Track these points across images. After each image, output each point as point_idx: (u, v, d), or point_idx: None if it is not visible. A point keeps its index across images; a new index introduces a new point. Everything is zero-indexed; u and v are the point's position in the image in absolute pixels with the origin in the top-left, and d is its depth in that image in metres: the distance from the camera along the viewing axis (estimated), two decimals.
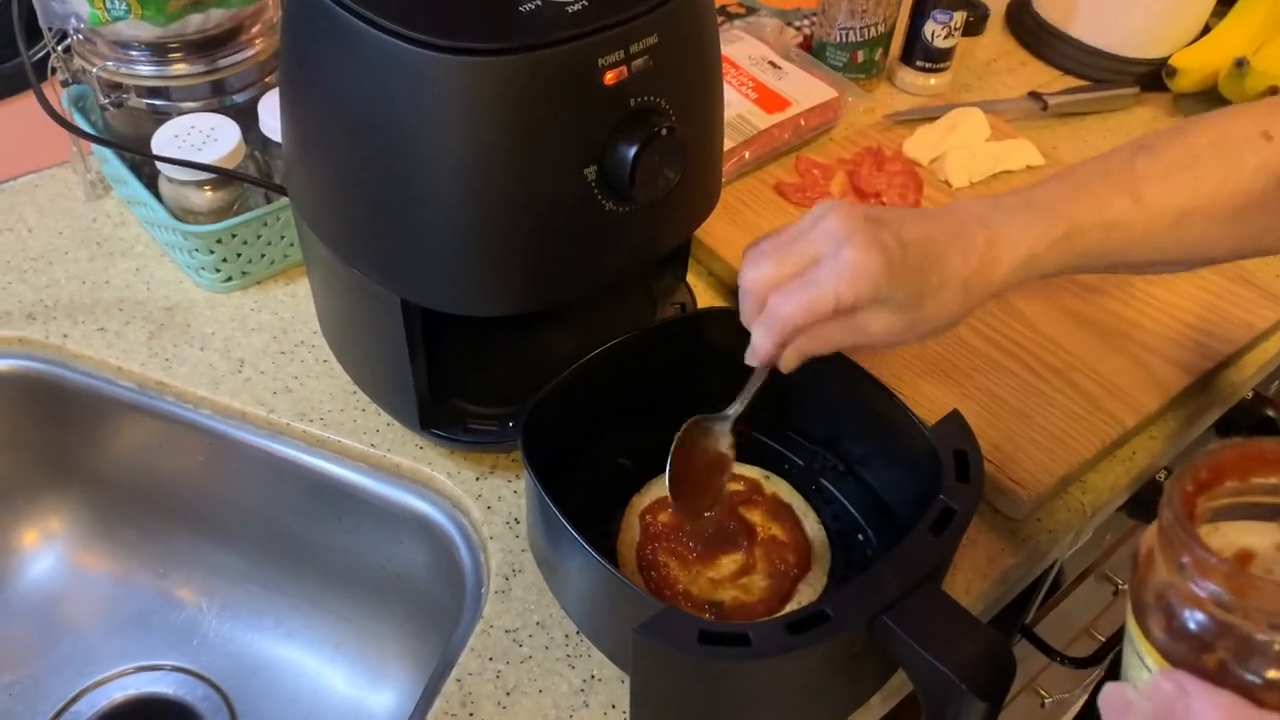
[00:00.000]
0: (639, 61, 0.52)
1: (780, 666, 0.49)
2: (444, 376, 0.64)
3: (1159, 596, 0.34)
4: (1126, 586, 0.36)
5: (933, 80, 0.98)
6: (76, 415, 0.73)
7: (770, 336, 0.53)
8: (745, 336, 0.64)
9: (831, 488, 0.65)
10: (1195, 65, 0.96)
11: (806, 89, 0.91)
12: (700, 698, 0.51)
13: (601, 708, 0.56)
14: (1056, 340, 0.74)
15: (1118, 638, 0.74)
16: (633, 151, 0.52)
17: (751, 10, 1.06)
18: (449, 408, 0.65)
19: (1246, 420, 0.80)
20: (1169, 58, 0.97)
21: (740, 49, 0.95)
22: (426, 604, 0.69)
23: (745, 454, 0.66)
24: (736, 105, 0.88)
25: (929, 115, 0.91)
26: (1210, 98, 0.98)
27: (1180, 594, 0.33)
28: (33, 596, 0.77)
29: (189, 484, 0.74)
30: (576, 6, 0.50)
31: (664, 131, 0.53)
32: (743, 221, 0.81)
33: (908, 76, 0.98)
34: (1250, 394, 0.80)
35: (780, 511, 0.62)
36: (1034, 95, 0.96)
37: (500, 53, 0.48)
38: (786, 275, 0.52)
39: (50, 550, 0.78)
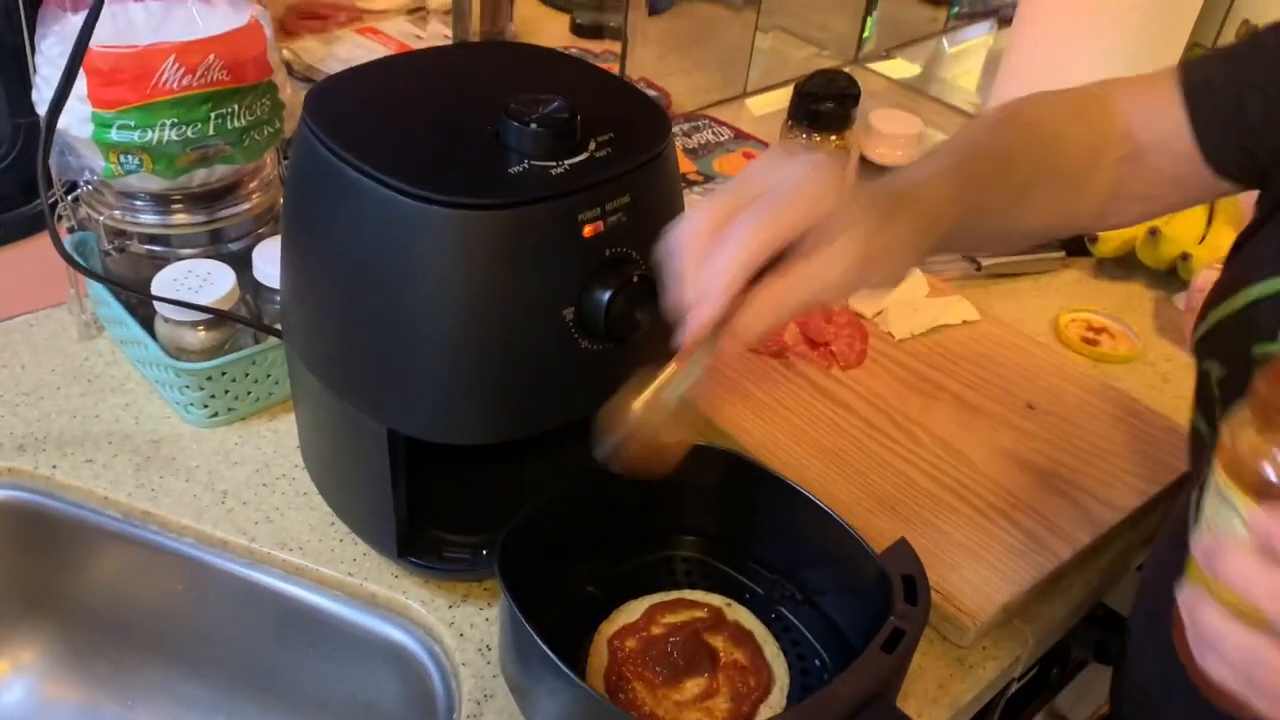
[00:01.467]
0: (613, 217, 0.58)
1: None
2: (421, 506, 0.67)
3: (1252, 456, 0.39)
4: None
5: None
6: (59, 545, 0.75)
7: (724, 277, 0.46)
8: (713, 471, 0.69)
9: (790, 615, 0.69)
10: (1114, 234, 1.05)
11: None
12: None
13: None
14: (999, 481, 0.79)
15: None
16: (607, 295, 0.58)
17: (709, 178, 1.14)
18: (425, 536, 0.69)
19: None
20: None
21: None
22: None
23: (708, 583, 0.70)
24: None
25: None
26: (1128, 262, 1.07)
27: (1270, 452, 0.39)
28: None
29: (165, 614, 0.76)
30: (559, 169, 0.56)
31: (636, 278, 0.58)
32: (714, 374, 0.87)
33: None
34: None
35: (742, 638, 0.66)
36: (969, 258, 1.04)
37: (492, 208, 0.54)
38: (737, 206, 0.47)
39: (20, 680, 0.79)
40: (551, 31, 1.33)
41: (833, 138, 1.00)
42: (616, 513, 0.69)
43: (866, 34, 1.49)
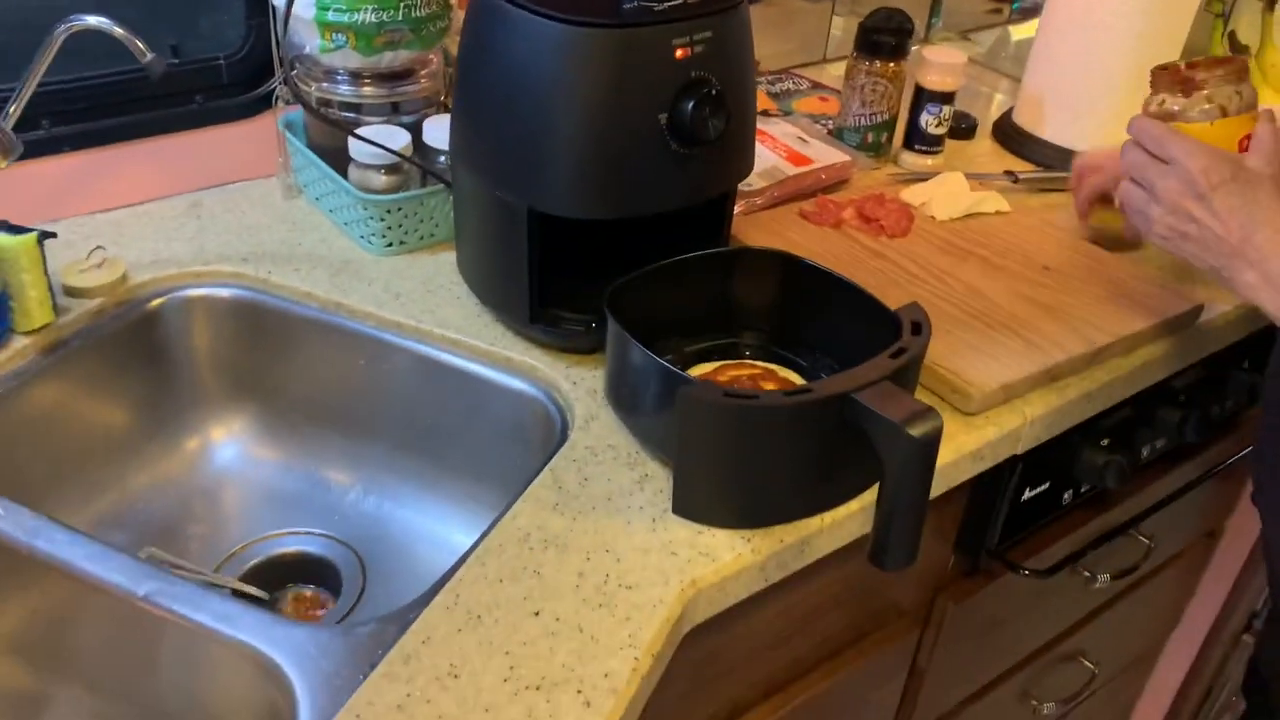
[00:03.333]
0: (699, 46, 0.79)
1: (780, 425, 0.71)
2: (547, 286, 0.88)
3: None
4: None
5: (929, 161, 1.25)
6: (268, 334, 0.98)
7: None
8: (770, 268, 0.89)
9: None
10: None
11: (826, 154, 1.18)
12: (727, 450, 0.72)
13: (651, 492, 0.77)
14: (1012, 311, 0.96)
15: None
16: (691, 104, 0.79)
17: (788, 114, 1.35)
18: (549, 313, 0.90)
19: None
20: None
21: (776, 128, 1.23)
22: (528, 465, 0.91)
23: (766, 358, 0.89)
24: (770, 159, 1.15)
25: (923, 177, 1.18)
26: None
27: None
28: (219, 476, 1.00)
29: (348, 389, 0.98)
30: (661, 7, 0.78)
31: (713, 92, 0.79)
32: (774, 235, 1.07)
33: (908, 157, 1.25)
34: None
35: (788, 385, 0.85)
36: (1008, 172, 1.23)
37: (608, 27, 0.76)
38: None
39: (233, 443, 1.02)
40: None
41: (891, 64, 1.20)
42: (696, 300, 0.89)
43: (936, 19, 1.69)
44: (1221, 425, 1.21)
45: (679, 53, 0.78)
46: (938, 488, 0.86)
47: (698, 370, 0.86)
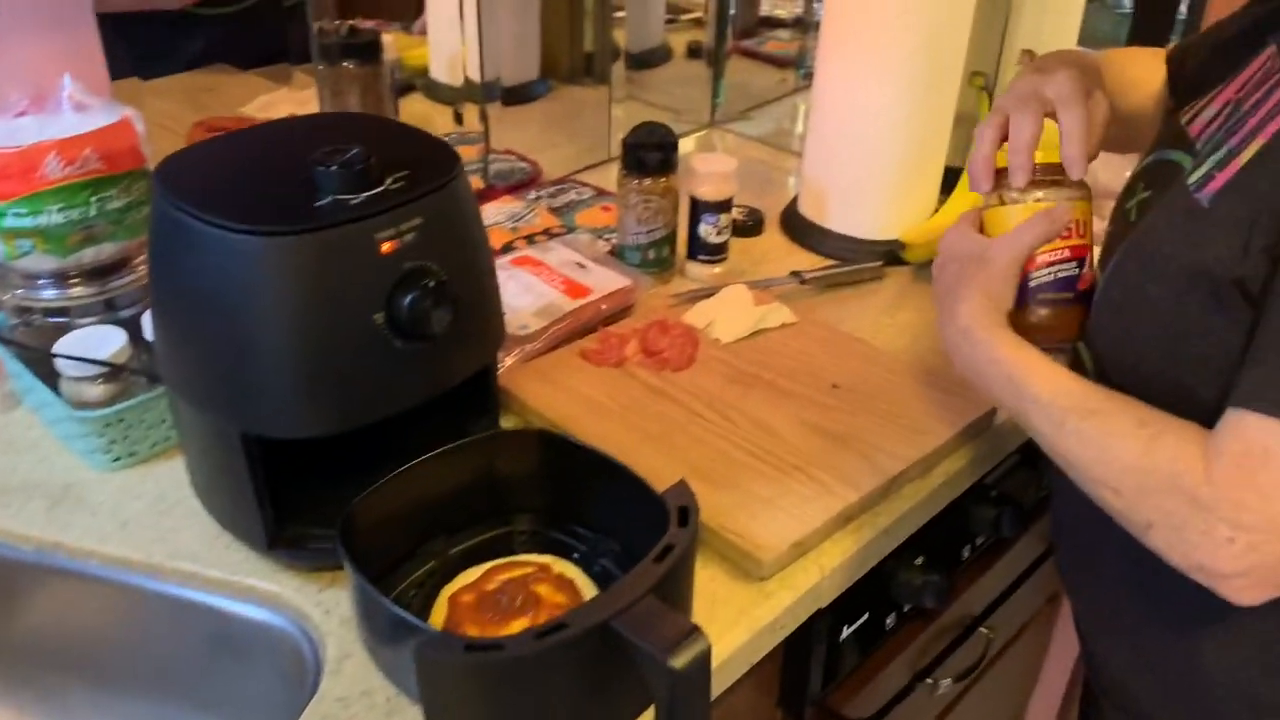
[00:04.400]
0: (408, 236, 0.71)
1: (535, 672, 0.63)
2: (285, 505, 0.79)
3: None
4: None
5: (715, 269, 1.20)
6: None
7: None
8: (534, 450, 0.81)
9: (610, 565, 0.80)
10: (920, 240, 1.20)
11: (606, 280, 1.12)
12: (479, 708, 0.64)
13: None
14: (800, 446, 0.91)
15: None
16: (408, 300, 0.71)
17: (570, 230, 1.29)
18: (291, 531, 0.80)
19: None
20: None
21: (554, 255, 1.16)
22: (292, 701, 0.81)
23: (540, 549, 0.82)
24: (546, 295, 1.08)
25: (707, 293, 1.13)
26: None
27: None
28: None
29: (88, 633, 0.86)
30: (358, 200, 0.70)
31: (432, 283, 0.72)
32: (552, 383, 0.99)
33: (693, 268, 1.20)
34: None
35: (564, 585, 0.77)
36: (794, 273, 1.18)
37: (299, 233, 0.67)
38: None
39: None
40: (438, 123, 1.49)
41: (662, 180, 1.14)
42: (456, 495, 0.81)
43: (719, 99, 1.66)
44: (1039, 508, 1.19)
45: (385, 247, 0.70)
46: (738, 667, 0.79)
47: (464, 578, 0.78)
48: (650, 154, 1.13)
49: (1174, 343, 0.69)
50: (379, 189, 0.71)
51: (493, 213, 1.27)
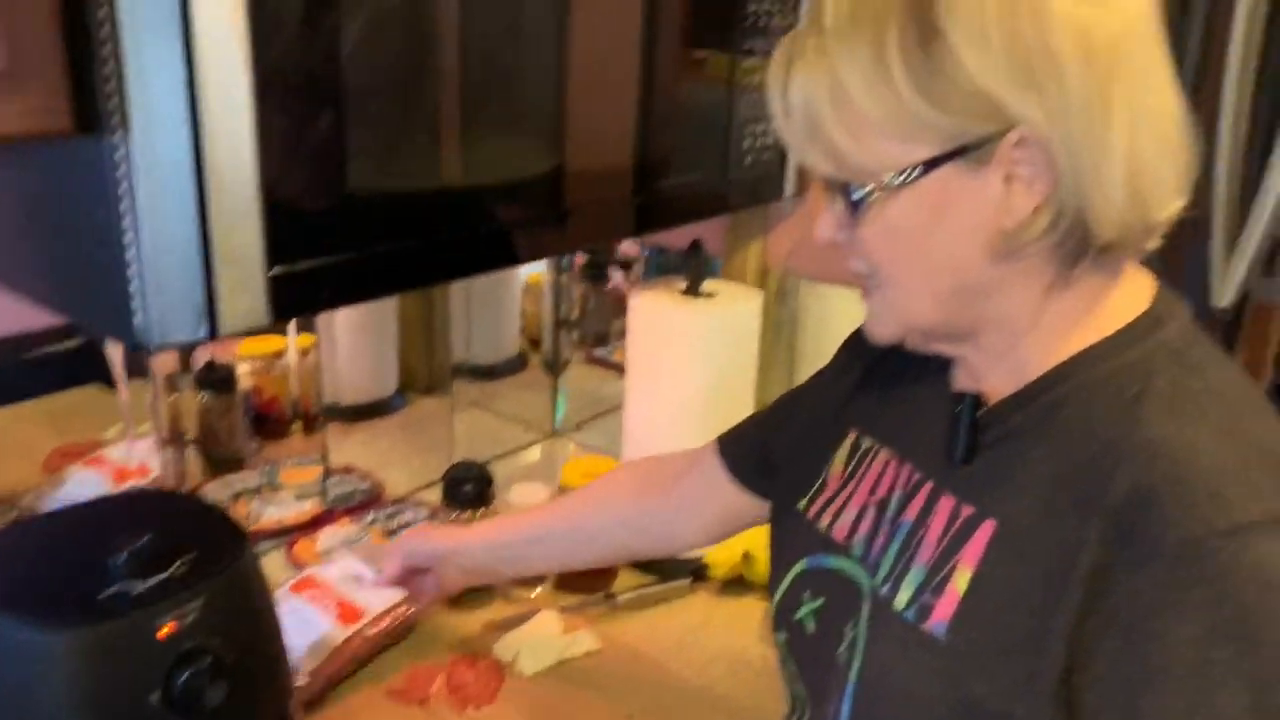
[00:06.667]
0: (189, 618, 0.78)
1: None
2: None
3: None
4: None
5: (535, 592, 1.27)
6: None
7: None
8: None
9: None
10: (721, 560, 1.30)
11: (381, 599, 1.12)
12: None
13: None
14: None
15: None
16: (182, 679, 0.77)
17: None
18: None
19: None
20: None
21: (335, 570, 1.17)
22: None
23: None
24: (318, 627, 1.08)
25: (520, 619, 1.20)
26: (742, 581, 1.30)
27: None
28: None
29: None
30: (141, 588, 0.77)
31: (208, 663, 0.78)
32: None
33: (511, 592, 1.27)
34: None
35: None
36: (607, 595, 1.26)
37: (81, 627, 0.74)
38: None
39: None
40: (295, 442, 1.57)
41: (479, 511, 1.23)
42: None
43: (560, 410, 1.78)
44: None
45: (161, 632, 0.77)
46: None
47: None
48: (466, 489, 1.23)
49: None
50: (164, 575, 0.79)
51: (326, 539, 1.34)
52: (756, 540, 1.30)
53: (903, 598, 0.71)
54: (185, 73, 0.70)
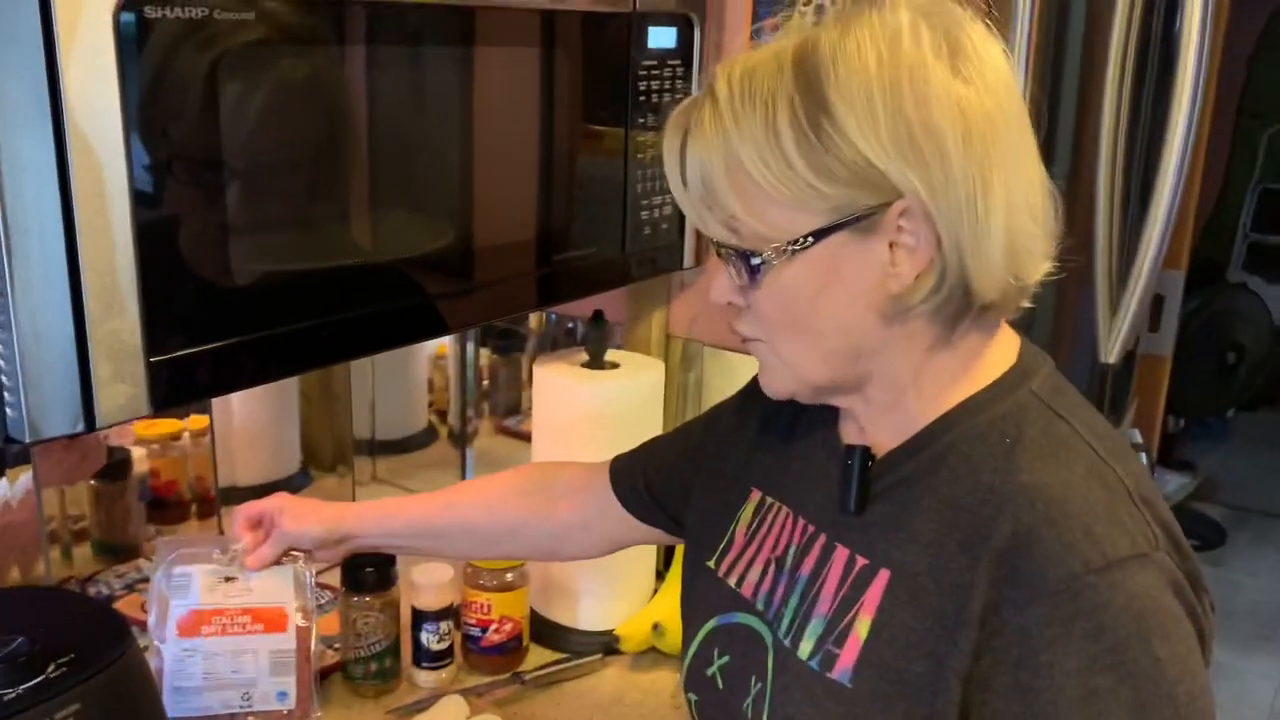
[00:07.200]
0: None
1: None
2: None
3: None
4: None
5: (440, 674, 1.24)
6: None
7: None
8: None
9: None
10: (632, 632, 1.29)
11: (270, 588, 1.02)
12: None
13: None
14: None
15: None
16: None
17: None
18: None
19: None
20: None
21: (195, 584, 0.99)
22: None
23: None
24: (258, 650, 0.98)
25: (424, 705, 1.16)
26: (654, 653, 1.29)
27: None
28: None
29: None
30: (12, 695, 0.73)
31: None
32: None
33: (419, 675, 1.24)
34: None
35: None
36: (515, 674, 1.24)
37: None
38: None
39: None
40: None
41: (380, 595, 1.20)
42: None
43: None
44: None
45: None
46: None
47: None
48: (368, 572, 1.20)
49: None
50: (39, 678, 0.75)
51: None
52: (666, 611, 1.30)
53: (805, 648, 0.73)
54: (57, 164, 0.69)
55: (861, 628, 0.70)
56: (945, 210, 0.65)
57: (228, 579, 1.01)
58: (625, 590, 1.34)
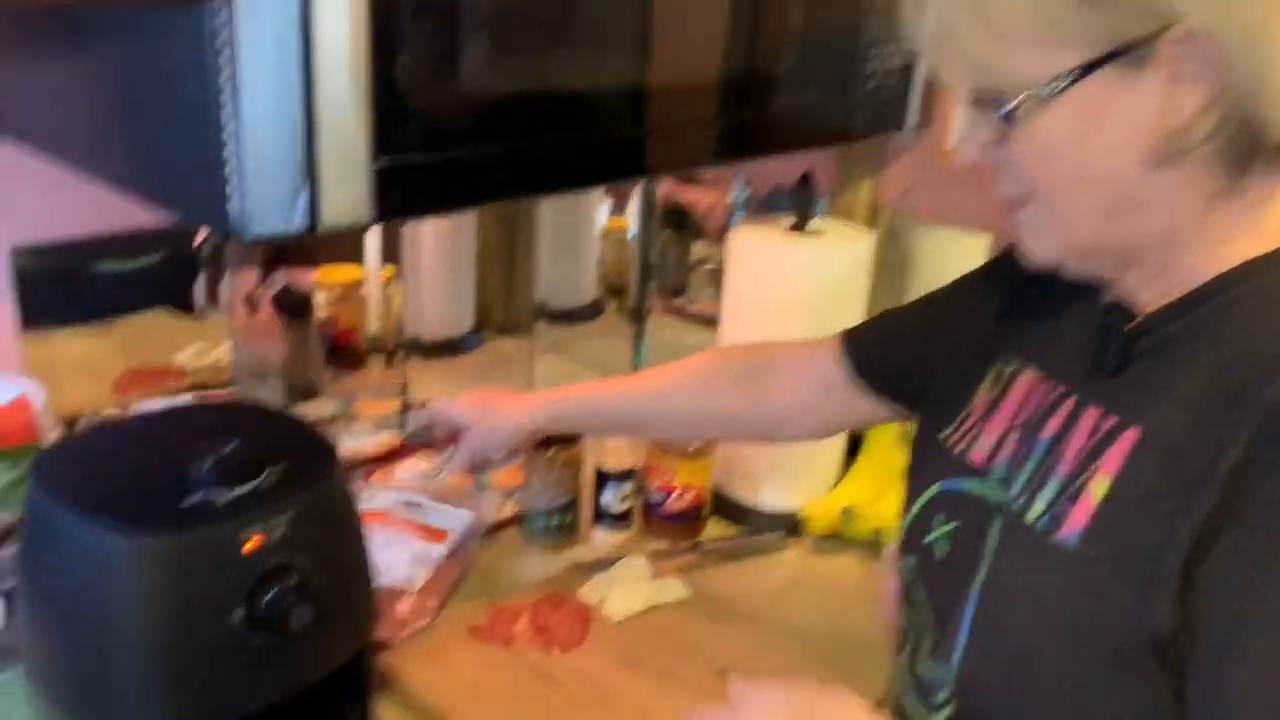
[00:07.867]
0: (276, 533, 0.72)
1: None
2: None
3: None
4: None
5: (619, 537, 1.21)
6: None
7: None
8: None
9: None
10: (819, 514, 1.22)
11: (451, 518, 1.14)
12: None
13: None
14: None
15: None
16: (267, 598, 0.71)
17: (481, 487, 1.30)
18: None
19: None
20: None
21: (382, 501, 1.16)
22: None
23: None
24: (411, 547, 1.07)
25: (606, 563, 1.13)
26: (838, 538, 1.23)
27: None
28: None
29: None
30: (225, 499, 0.71)
31: (294, 582, 0.72)
32: (439, 662, 0.98)
33: (598, 535, 1.21)
34: None
35: None
36: (696, 543, 1.20)
37: (162, 535, 0.68)
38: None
39: None
40: (375, 372, 1.52)
41: (566, 450, 1.17)
42: None
43: (639, 358, 1.71)
44: None
45: (246, 547, 0.71)
46: None
47: None
48: None
49: (1075, 701, 0.65)
50: (250, 485, 0.73)
51: (401, 474, 1.28)
52: (857, 496, 1.23)
53: (1036, 509, 0.68)
54: None
55: (1098, 487, 0.65)
56: (1230, 31, 0.57)
57: (412, 504, 1.16)
58: (809, 471, 1.27)
